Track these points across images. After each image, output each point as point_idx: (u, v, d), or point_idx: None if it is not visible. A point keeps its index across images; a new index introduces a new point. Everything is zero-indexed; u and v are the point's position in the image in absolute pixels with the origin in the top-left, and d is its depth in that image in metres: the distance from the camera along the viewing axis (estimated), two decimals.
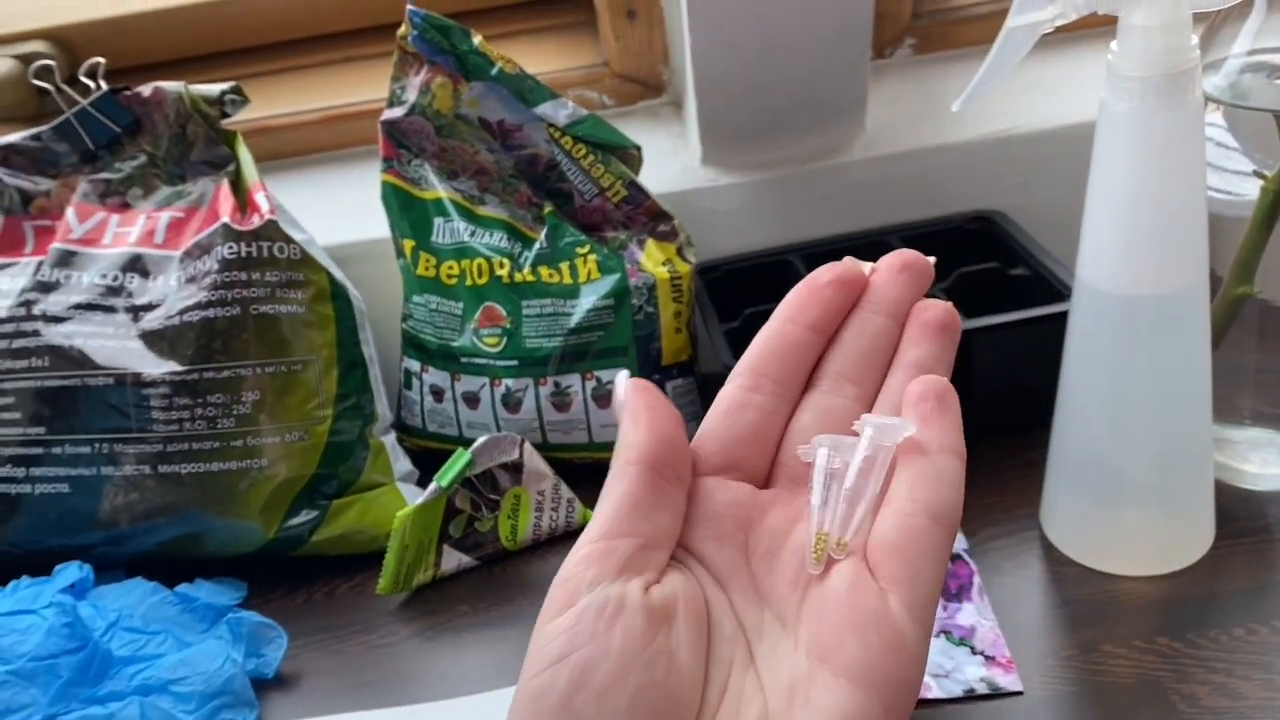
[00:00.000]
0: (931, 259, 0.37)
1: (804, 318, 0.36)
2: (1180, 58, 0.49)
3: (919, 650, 0.30)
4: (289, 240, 0.68)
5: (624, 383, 0.35)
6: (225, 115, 0.72)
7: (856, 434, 0.33)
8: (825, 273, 0.36)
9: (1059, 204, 0.66)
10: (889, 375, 0.35)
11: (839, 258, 0.77)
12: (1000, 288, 0.74)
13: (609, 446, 0.72)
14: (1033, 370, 0.65)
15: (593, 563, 0.31)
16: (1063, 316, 0.58)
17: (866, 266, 0.37)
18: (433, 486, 0.65)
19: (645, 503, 0.32)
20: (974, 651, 0.56)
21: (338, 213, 0.80)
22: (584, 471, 0.72)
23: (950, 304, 0.36)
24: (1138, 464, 0.58)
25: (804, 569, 0.32)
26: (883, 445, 0.32)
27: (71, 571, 0.65)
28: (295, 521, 0.67)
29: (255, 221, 0.68)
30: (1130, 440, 0.57)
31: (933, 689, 0.54)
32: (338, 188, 0.84)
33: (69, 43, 0.85)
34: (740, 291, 0.77)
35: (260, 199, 0.69)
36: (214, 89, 0.71)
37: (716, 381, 0.71)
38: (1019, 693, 0.53)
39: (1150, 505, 0.59)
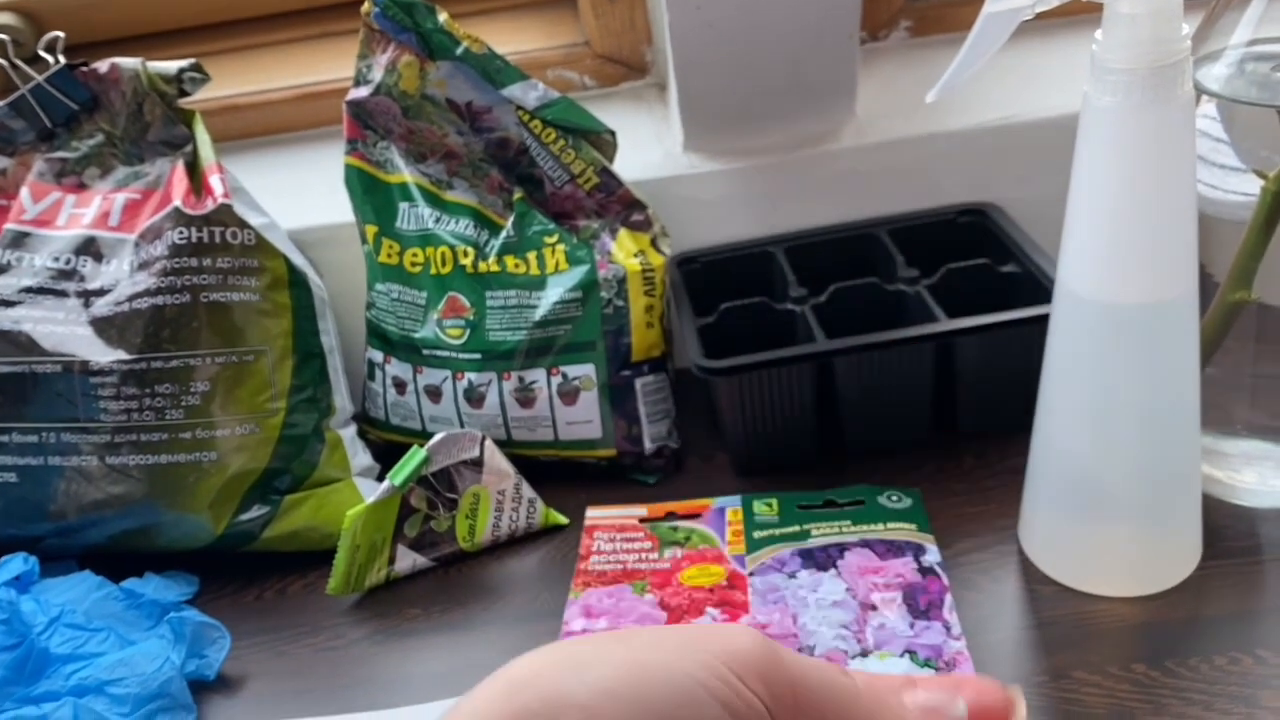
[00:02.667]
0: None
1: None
2: (1169, 49, 0.45)
3: None
4: (243, 225, 0.65)
5: None
6: (184, 93, 0.69)
7: None
8: None
9: (1056, 198, 0.62)
10: None
11: (824, 250, 0.75)
12: (989, 285, 0.70)
13: (574, 445, 0.70)
14: (1019, 372, 0.62)
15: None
16: None
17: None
18: (385, 485, 0.62)
19: None
20: (939, 673, 0.53)
21: (307, 195, 0.77)
22: (549, 470, 0.69)
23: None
24: (1119, 478, 0.54)
25: None
26: None
27: (16, 564, 0.63)
28: (246, 517, 0.65)
29: (208, 205, 0.65)
30: (1112, 453, 0.54)
31: None
32: (308, 168, 0.81)
33: (37, 16, 0.82)
34: (720, 285, 0.74)
35: (215, 182, 0.66)
36: (172, 66, 0.68)
37: (690, 379, 0.70)
38: None
39: (1132, 522, 0.55)
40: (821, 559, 0.60)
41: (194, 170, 0.68)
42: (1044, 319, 0.56)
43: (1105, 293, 0.50)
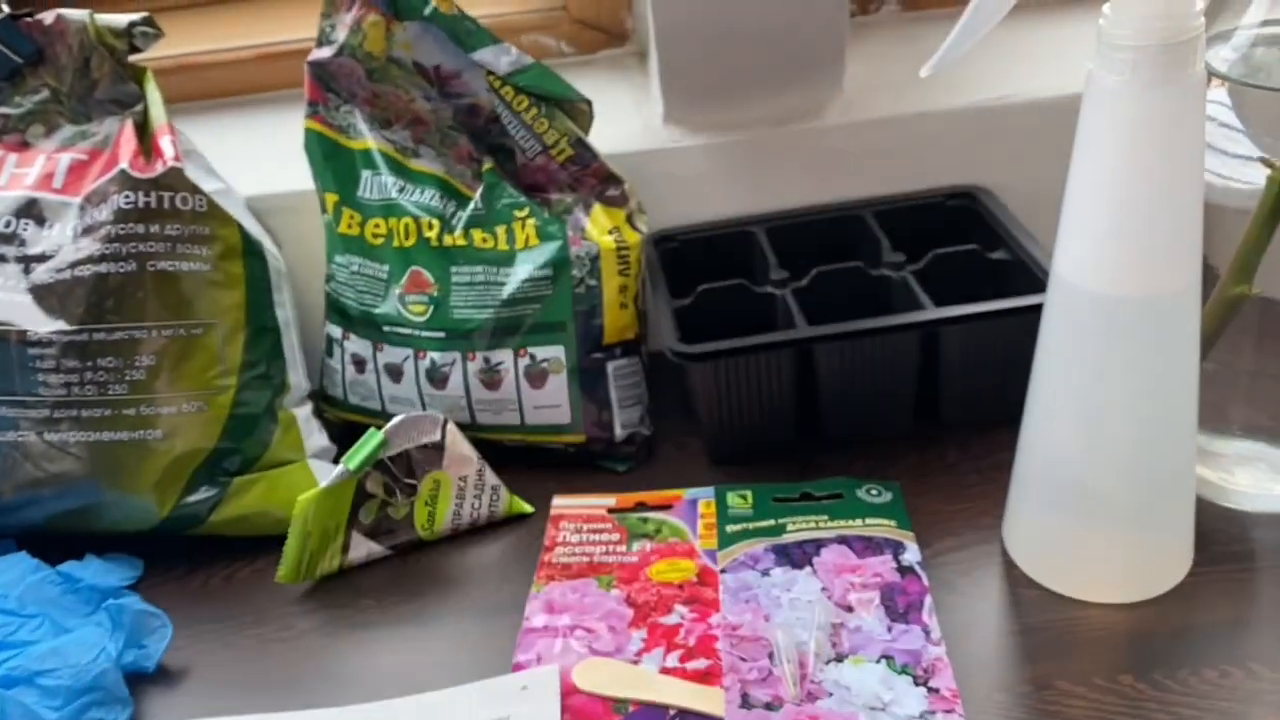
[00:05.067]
0: None
1: None
2: (1181, 25, 0.43)
3: None
4: (194, 190, 0.62)
5: None
6: (135, 49, 0.65)
7: None
8: None
9: (1050, 183, 0.59)
10: None
11: (807, 231, 0.72)
12: (978, 272, 0.68)
13: (542, 429, 0.67)
14: (1007, 364, 0.60)
15: None
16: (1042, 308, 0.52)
17: None
18: (339, 469, 0.59)
19: None
20: (916, 682, 0.50)
21: (266, 160, 0.74)
22: (514, 456, 0.66)
23: None
24: (1110, 480, 0.52)
25: None
26: None
27: None
28: (193, 499, 0.62)
29: (158, 168, 0.62)
30: (1103, 453, 0.51)
31: None
32: (269, 133, 0.77)
33: None
34: (698, 264, 0.71)
35: (165, 144, 0.63)
36: (121, 19, 0.64)
37: (664, 362, 0.67)
38: None
39: (1121, 525, 0.53)
40: (797, 556, 0.57)
41: (144, 131, 0.64)
42: (1034, 309, 0.54)
43: (1103, 283, 0.48)
